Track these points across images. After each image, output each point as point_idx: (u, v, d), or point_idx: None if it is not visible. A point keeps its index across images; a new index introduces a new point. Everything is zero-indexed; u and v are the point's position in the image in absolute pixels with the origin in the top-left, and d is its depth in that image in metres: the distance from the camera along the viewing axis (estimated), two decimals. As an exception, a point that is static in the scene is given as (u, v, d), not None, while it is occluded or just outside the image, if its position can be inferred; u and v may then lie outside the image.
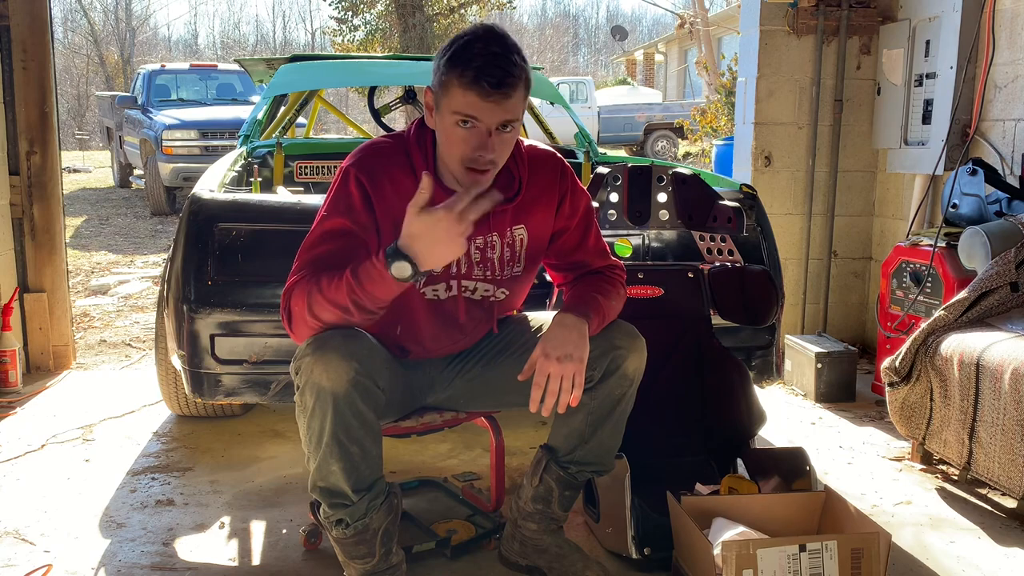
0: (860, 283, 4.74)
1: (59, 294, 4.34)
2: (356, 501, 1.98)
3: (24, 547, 2.53)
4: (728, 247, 2.78)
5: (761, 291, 2.71)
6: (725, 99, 11.77)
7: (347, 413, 1.91)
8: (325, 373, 1.88)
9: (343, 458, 1.93)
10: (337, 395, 1.89)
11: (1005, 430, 2.58)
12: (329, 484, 1.97)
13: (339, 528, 2.01)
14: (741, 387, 2.66)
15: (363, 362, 1.90)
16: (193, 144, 10.49)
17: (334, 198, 2.00)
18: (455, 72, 1.85)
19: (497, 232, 2.09)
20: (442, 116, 1.91)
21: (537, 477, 2.21)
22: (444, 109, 1.90)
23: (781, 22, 4.49)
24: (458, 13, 21.03)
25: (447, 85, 1.87)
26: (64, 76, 27.50)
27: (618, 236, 2.83)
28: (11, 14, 4.11)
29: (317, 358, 1.88)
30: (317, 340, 1.91)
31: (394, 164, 2.01)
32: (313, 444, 1.94)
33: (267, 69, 5.13)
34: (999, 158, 3.76)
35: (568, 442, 2.17)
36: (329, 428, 1.90)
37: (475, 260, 2.09)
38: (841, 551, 2.05)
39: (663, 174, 2.73)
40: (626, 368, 2.09)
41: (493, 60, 1.84)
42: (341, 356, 1.88)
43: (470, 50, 1.85)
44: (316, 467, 1.96)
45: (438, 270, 2.04)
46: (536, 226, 2.13)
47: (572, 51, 47.31)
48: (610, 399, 2.11)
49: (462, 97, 1.85)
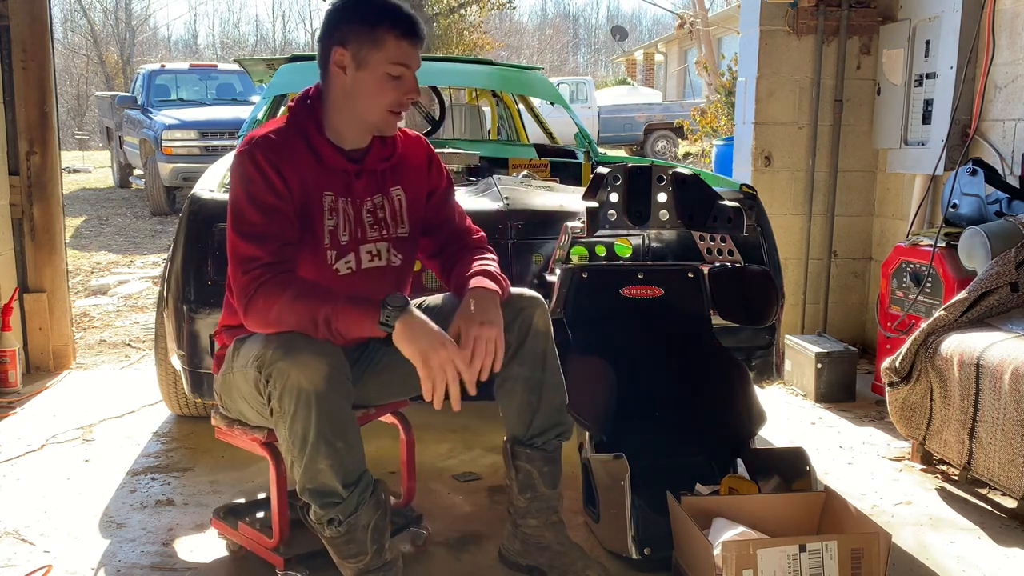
0: (860, 283, 4.74)
1: (59, 294, 4.34)
2: (346, 497, 1.99)
3: (24, 547, 2.53)
4: (728, 247, 2.78)
5: (761, 291, 2.71)
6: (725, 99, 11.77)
7: (329, 409, 1.92)
8: (303, 374, 1.89)
9: (330, 455, 1.94)
10: (318, 393, 1.90)
11: (1005, 430, 2.58)
12: (318, 484, 1.97)
13: (332, 527, 2.01)
14: (741, 387, 2.65)
15: (332, 357, 1.93)
16: (193, 144, 10.49)
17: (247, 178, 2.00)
18: (386, 25, 1.99)
19: (382, 192, 2.17)
20: (371, 70, 2.01)
21: (513, 468, 2.24)
22: (376, 63, 2.00)
23: (781, 22, 4.49)
24: (458, 13, 21.02)
25: (378, 39, 1.99)
26: (64, 76, 27.49)
27: (618, 236, 2.83)
28: (11, 14, 4.11)
29: (291, 361, 1.89)
30: (282, 344, 1.92)
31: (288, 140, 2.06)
32: (298, 447, 1.94)
33: (267, 69, 5.12)
34: (999, 158, 3.76)
35: (522, 419, 2.21)
36: (314, 427, 1.91)
37: (368, 223, 2.15)
38: (841, 551, 2.04)
39: (663, 174, 2.73)
40: (536, 324, 2.15)
41: (407, 11, 2.03)
42: (313, 354, 1.90)
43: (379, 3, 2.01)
44: (304, 469, 1.96)
45: None
46: (411, 188, 2.23)
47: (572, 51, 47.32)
48: (536, 359, 2.15)
49: (397, 48, 2.00)
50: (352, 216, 2.12)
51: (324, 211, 2.08)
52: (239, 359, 2.08)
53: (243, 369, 2.04)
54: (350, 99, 2.06)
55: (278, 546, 2.28)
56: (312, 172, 2.06)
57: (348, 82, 2.04)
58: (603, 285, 2.67)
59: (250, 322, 2.00)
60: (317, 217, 2.07)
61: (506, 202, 2.85)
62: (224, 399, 2.24)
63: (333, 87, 2.08)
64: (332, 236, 2.09)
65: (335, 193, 2.09)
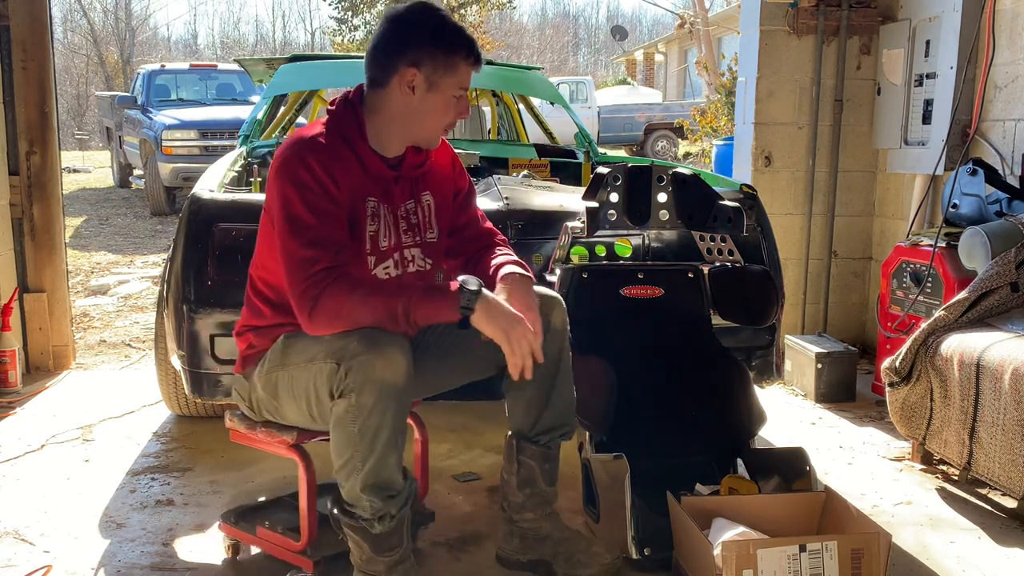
0: (860, 283, 4.74)
1: (59, 294, 4.34)
2: (401, 489, 2.00)
3: (24, 547, 2.53)
4: (728, 247, 2.78)
5: (761, 291, 2.71)
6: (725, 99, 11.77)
7: (404, 404, 1.95)
8: (388, 367, 1.89)
9: (397, 449, 1.96)
10: (398, 388, 1.91)
11: (1005, 430, 2.58)
12: (382, 479, 1.97)
13: (383, 523, 2.00)
14: (741, 387, 2.66)
15: (409, 351, 1.95)
16: (193, 144, 10.48)
17: (302, 184, 1.99)
18: (461, 53, 2.05)
19: (414, 198, 2.18)
20: (440, 93, 2.06)
21: (514, 463, 2.25)
22: (447, 87, 2.06)
23: (781, 22, 4.49)
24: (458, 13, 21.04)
25: (454, 65, 2.05)
26: (64, 76, 27.48)
27: (618, 236, 2.83)
28: (11, 14, 4.11)
29: (376, 354, 1.89)
30: (364, 337, 1.91)
31: (335, 145, 2.06)
32: (367, 443, 1.93)
33: (267, 69, 5.13)
34: (999, 158, 3.76)
35: (529, 415, 2.23)
36: (390, 423, 1.92)
37: (403, 229, 2.16)
38: (841, 551, 2.04)
39: (663, 174, 2.73)
40: (554, 323, 2.17)
41: (471, 37, 2.09)
42: (396, 348, 1.91)
43: (453, 30, 2.07)
44: (372, 465, 1.94)
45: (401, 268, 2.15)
46: (439, 192, 2.25)
47: (572, 51, 47.31)
48: (551, 358, 2.16)
49: (466, 74, 2.08)
50: (391, 222, 2.13)
51: (367, 217, 2.09)
52: (297, 354, 2.05)
53: (308, 364, 2.01)
54: (411, 116, 2.08)
55: (306, 548, 2.25)
56: (358, 177, 2.07)
57: (415, 102, 2.06)
58: (603, 285, 2.67)
59: (316, 325, 1.97)
60: (361, 222, 2.08)
61: (506, 202, 2.85)
62: (260, 398, 2.20)
63: (392, 102, 2.07)
64: (373, 242, 2.10)
65: (377, 199, 2.10)
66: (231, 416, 2.35)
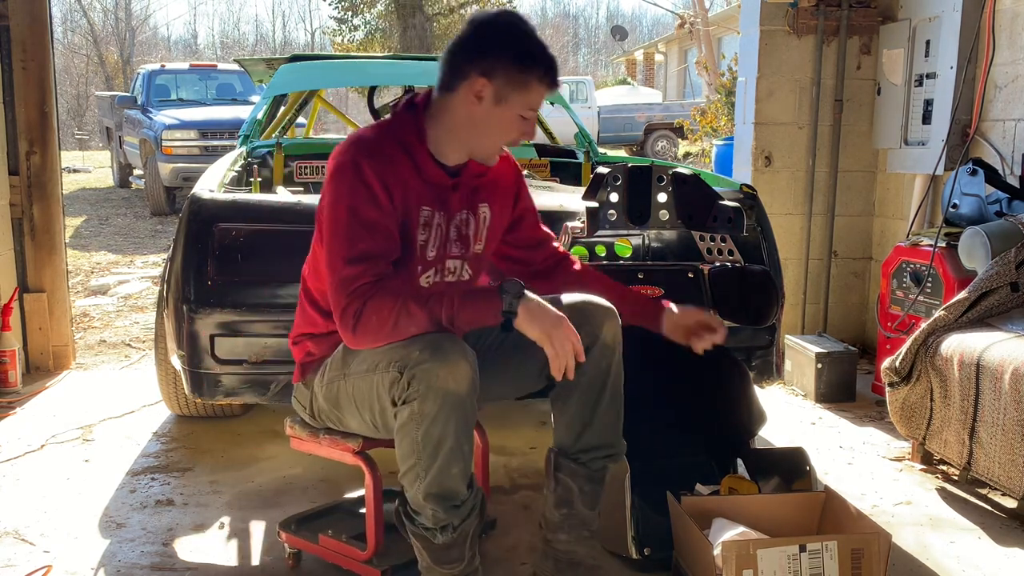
0: (860, 283, 4.74)
1: (59, 294, 4.34)
2: (465, 500, 1.94)
3: (24, 547, 2.53)
4: (728, 247, 2.78)
5: (761, 291, 2.70)
6: (725, 99, 11.76)
7: (468, 413, 1.89)
8: (452, 376, 1.84)
9: (461, 459, 1.90)
10: (462, 396, 1.85)
11: (1005, 430, 2.58)
12: (445, 489, 1.91)
13: (445, 534, 1.94)
14: (741, 387, 2.65)
15: (473, 357, 1.89)
16: (193, 144, 10.48)
17: (352, 190, 1.95)
18: (537, 72, 1.97)
19: (469, 209, 2.14)
20: (508, 109, 1.97)
21: (552, 480, 2.17)
22: (515, 104, 1.97)
23: (781, 22, 4.49)
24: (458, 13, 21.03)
25: (527, 83, 1.96)
26: (64, 76, 27.48)
27: (618, 236, 2.83)
28: (11, 14, 4.11)
29: (439, 362, 1.83)
30: (428, 344, 1.86)
31: (391, 150, 2.01)
32: (429, 451, 1.87)
33: (267, 69, 5.13)
34: (999, 158, 3.76)
35: (571, 431, 2.14)
36: (453, 432, 1.86)
37: (453, 238, 2.12)
38: (841, 551, 2.04)
39: (663, 174, 2.73)
40: (604, 336, 2.09)
41: (552, 57, 2.00)
42: (460, 355, 1.86)
43: (534, 46, 1.98)
44: (435, 474, 1.89)
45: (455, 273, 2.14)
46: (498, 208, 2.19)
47: (572, 51, 47.29)
48: (598, 372, 2.09)
49: (539, 95, 1.99)
50: (443, 231, 2.08)
51: (419, 226, 2.03)
52: (358, 364, 2.00)
53: (369, 373, 1.96)
54: (474, 128, 2.00)
55: (372, 558, 2.22)
56: (413, 185, 2.01)
57: (480, 112, 1.98)
58: (603, 285, 2.66)
59: (361, 340, 1.93)
60: (412, 231, 2.02)
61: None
62: (320, 406, 2.16)
63: (457, 110, 2.00)
64: (421, 251, 2.05)
65: (432, 208, 2.04)
66: (291, 423, 2.31)
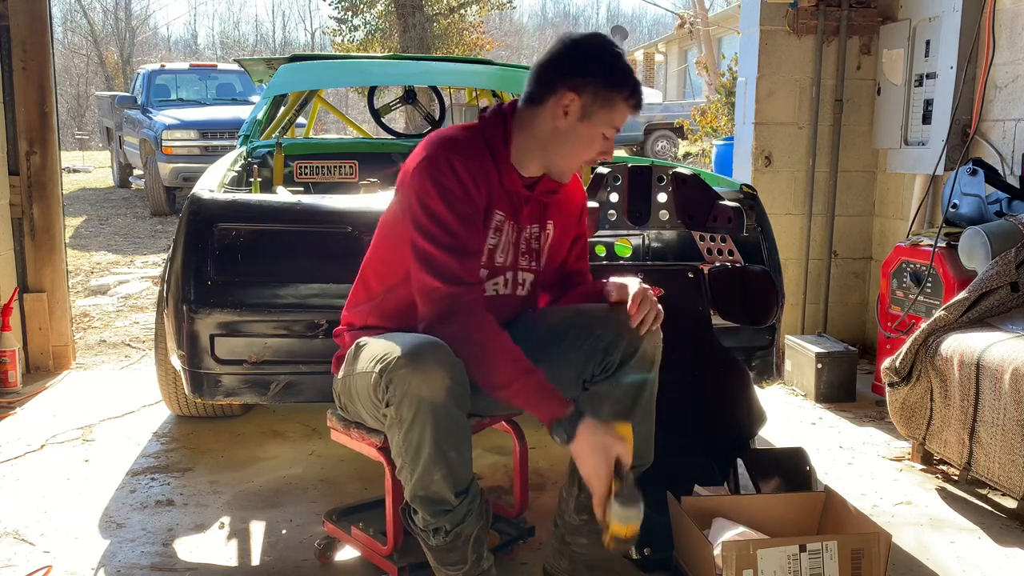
0: (860, 283, 4.74)
1: (59, 294, 4.34)
2: (456, 506, 1.96)
3: (24, 547, 2.53)
4: (728, 247, 2.78)
5: (761, 291, 2.71)
6: (725, 99, 11.75)
7: (446, 420, 1.90)
8: (424, 383, 1.86)
9: (444, 465, 1.91)
10: (436, 404, 1.87)
11: (1005, 430, 2.58)
12: (430, 493, 1.94)
13: (438, 536, 1.98)
14: (741, 387, 2.65)
15: (455, 368, 1.90)
16: (193, 144, 10.48)
17: (446, 187, 1.97)
18: (623, 92, 2.01)
19: (539, 224, 2.19)
20: (591, 126, 2.02)
21: (576, 486, 2.18)
22: (599, 121, 2.02)
23: (781, 22, 4.49)
24: (458, 13, 21.03)
25: (613, 101, 2.01)
26: (64, 76, 27.48)
27: (618, 236, 2.83)
28: (11, 14, 4.11)
29: (414, 369, 1.86)
30: (407, 350, 1.89)
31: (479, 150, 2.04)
32: (411, 455, 1.91)
33: (267, 69, 5.12)
34: (999, 158, 3.76)
35: None
36: (430, 438, 1.88)
37: (522, 250, 2.16)
38: (841, 551, 2.04)
39: (663, 174, 2.73)
40: (644, 349, 2.11)
41: (637, 80, 2.03)
42: (438, 364, 1.88)
43: (623, 67, 2.02)
44: (417, 478, 1.92)
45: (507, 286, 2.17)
46: (561, 226, 2.25)
47: (572, 51, 47.22)
48: (633, 385, 2.11)
49: (622, 115, 2.03)
50: (513, 240, 2.12)
51: (491, 228, 2.07)
52: (360, 362, 2.04)
53: (364, 373, 2.00)
54: (556, 141, 2.04)
55: (392, 554, 2.23)
56: (494, 188, 2.05)
57: (564, 126, 2.02)
58: (603, 285, 2.66)
59: (433, 330, 1.96)
60: (483, 233, 2.06)
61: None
62: (344, 400, 2.20)
63: (542, 122, 2.04)
64: (490, 255, 2.09)
65: (504, 215, 2.09)
66: (331, 415, 2.34)
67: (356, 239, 2.62)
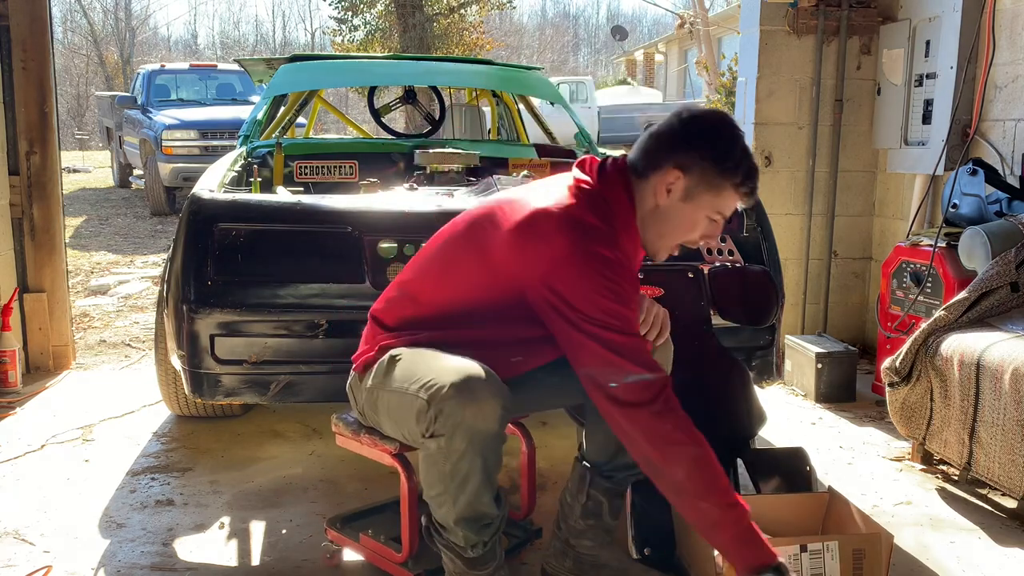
0: (860, 283, 4.74)
1: (59, 294, 4.34)
2: (495, 516, 1.94)
3: (24, 547, 2.53)
4: (728, 247, 2.78)
5: (761, 291, 2.71)
6: (725, 99, 11.76)
7: (496, 447, 1.88)
8: (479, 416, 1.81)
9: (490, 486, 1.90)
10: (489, 435, 1.84)
11: (1005, 430, 2.58)
12: (476, 513, 1.91)
13: (476, 549, 1.95)
14: (741, 387, 2.65)
15: (506, 395, 1.86)
16: (193, 144, 10.48)
17: (620, 290, 1.85)
18: (735, 179, 1.88)
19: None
20: (694, 208, 1.91)
21: (584, 494, 2.19)
22: (704, 204, 1.90)
23: (781, 22, 4.49)
24: (458, 13, 21.03)
25: (721, 187, 1.89)
26: (64, 76, 27.47)
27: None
28: (11, 14, 4.11)
29: (467, 401, 1.80)
30: (461, 381, 1.82)
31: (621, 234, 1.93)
32: (457, 483, 1.86)
33: (267, 69, 5.12)
34: (999, 158, 3.76)
35: (608, 448, 2.16)
36: (480, 466, 1.85)
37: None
38: (842, 551, 2.04)
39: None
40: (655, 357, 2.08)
41: (755, 167, 1.91)
42: (490, 395, 1.83)
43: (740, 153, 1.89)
44: (465, 504, 1.88)
45: None
46: None
47: (572, 51, 47.29)
48: None
49: (731, 201, 1.91)
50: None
51: None
52: (396, 380, 1.96)
53: (401, 392, 1.93)
54: (655, 218, 1.94)
55: (407, 561, 2.21)
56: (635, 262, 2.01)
57: (664, 203, 1.92)
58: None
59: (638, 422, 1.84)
60: None
61: (506, 202, 2.84)
62: (365, 408, 2.14)
63: (644, 196, 1.93)
64: None
65: None
66: (336, 420, 2.30)
67: (356, 239, 2.62)
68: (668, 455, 1.82)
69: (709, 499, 1.81)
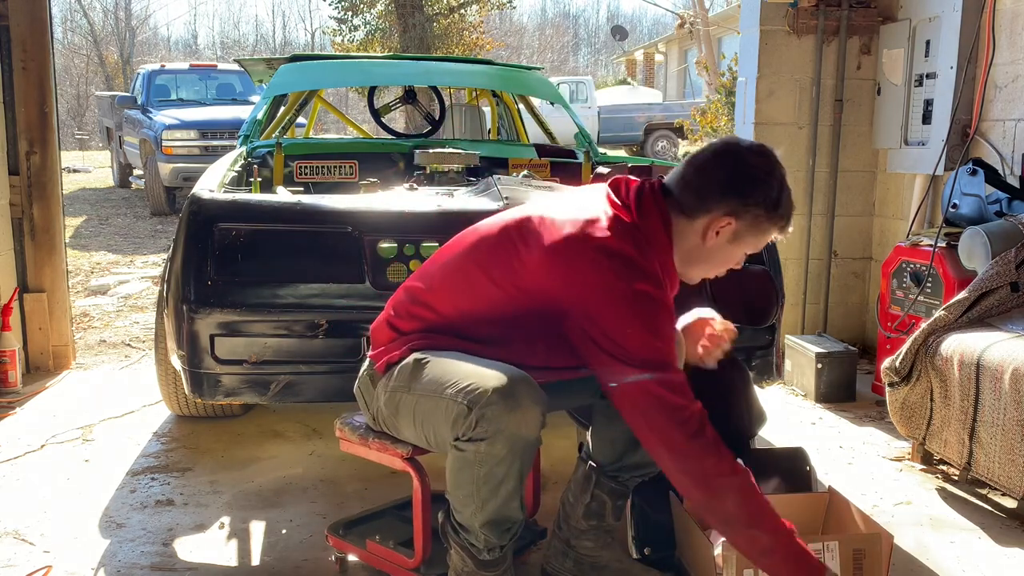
0: (860, 283, 4.74)
1: (59, 294, 4.34)
2: (518, 521, 1.95)
3: (24, 547, 2.53)
4: (728, 247, 2.78)
5: (761, 291, 2.71)
6: (725, 99, 11.76)
7: (533, 454, 1.89)
8: (522, 423, 1.81)
9: (521, 491, 1.91)
10: (529, 442, 1.84)
11: (1005, 430, 2.58)
12: (503, 518, 1.91)
13: (494, 553, 1.95)
14: (741, 387, 2.65)
15: (546, 403, 1.86)
16: (193, 144, 10.47)
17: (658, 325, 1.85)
18: (780, 222, 1.91)
19: None
20: (736, 247, 1.93)
21: (588, 494, 2.19)
22: (746, 244, 1.93)
23: (781, 22, 4.49)
24: (458, 13, 21.02)
25: (765, 228, 1.91)
26: (64, 76, 27.47)
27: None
28: (11, 14, 4.11)
29: (510, 408, 1.79)
30: (503, 388, 1.80)
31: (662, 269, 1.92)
32: (491, 487, 1.86)
33: (267, 69, 5.13)
34: (999, 158, 3.76)
35: (615, 449, 2.16)
36: (516, 472, 1.86)
37: None
38: (842, 551, 2.04)
39: (663, 174, 2.73)
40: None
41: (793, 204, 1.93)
42: (532, 402, 1.83)
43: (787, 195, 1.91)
44: (496, 507, 1.88)
45: None
46: None
47: (572, 51, 47.28)
48: None
49: (770, 237, 1.94)
50: None
51: None
52: (425, 382, 1.92)
53: (434, 396, 1.89)
54: (698, 256, 1.95)
55: (419, 566, 2.18)
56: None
57: (710, 244, 1.92)
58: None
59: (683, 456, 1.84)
60: None
61: (506, 202, 2.85)
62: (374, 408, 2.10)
63: (689, 237, 1.92)
64: None
65: None
66: (340, 425, 2.27)
67: (356, 239, 2.62)
68: (713, 489, 1.83)
69: (760, 527, 1.83)
